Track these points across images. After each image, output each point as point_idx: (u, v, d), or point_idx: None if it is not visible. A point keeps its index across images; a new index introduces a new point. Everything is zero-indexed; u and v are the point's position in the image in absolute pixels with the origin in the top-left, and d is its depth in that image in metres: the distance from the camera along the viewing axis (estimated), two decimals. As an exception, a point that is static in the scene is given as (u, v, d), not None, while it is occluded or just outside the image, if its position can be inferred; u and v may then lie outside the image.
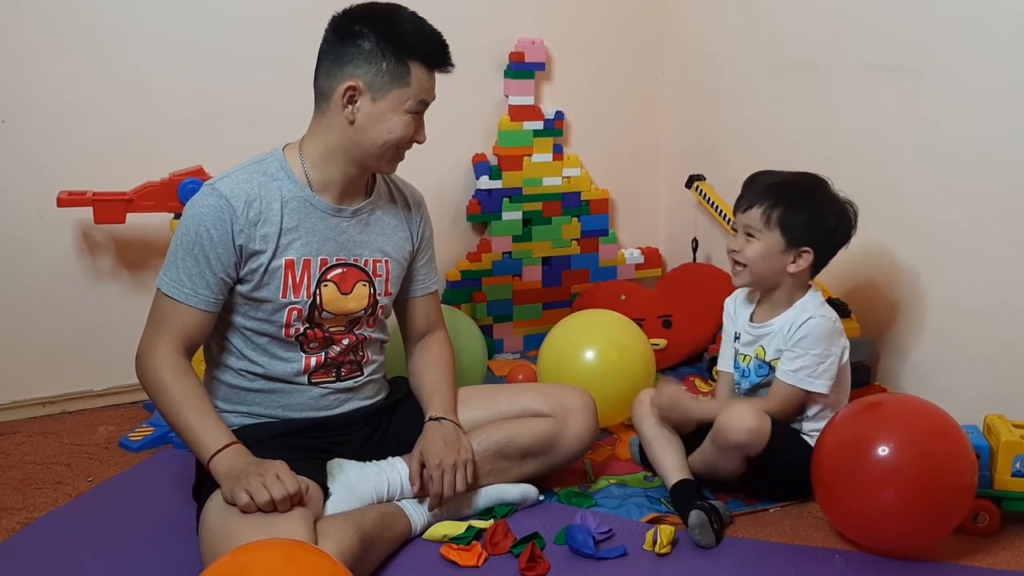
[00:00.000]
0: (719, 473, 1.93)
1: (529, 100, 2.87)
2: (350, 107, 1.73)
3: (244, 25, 2.49)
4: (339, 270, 1.81)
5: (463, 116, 2.83)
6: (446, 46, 1.80)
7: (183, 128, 2.44)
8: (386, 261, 1.88)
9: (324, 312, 1.80)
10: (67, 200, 2.24)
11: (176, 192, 2.23)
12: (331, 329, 1.82)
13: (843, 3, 2.45)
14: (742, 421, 1.82)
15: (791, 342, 1.92)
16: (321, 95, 1.78)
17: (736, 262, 1.97)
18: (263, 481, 1.54)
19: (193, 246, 1.69)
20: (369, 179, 1.89)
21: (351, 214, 1.83)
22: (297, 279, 1.76)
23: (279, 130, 1.88)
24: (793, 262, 1.92)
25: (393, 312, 2.00)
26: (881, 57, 2.35)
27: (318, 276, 1.78)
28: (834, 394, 1.94)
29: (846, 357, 1.96)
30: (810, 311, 1.92)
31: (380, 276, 1.87)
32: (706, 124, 3.03)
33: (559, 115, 2.91)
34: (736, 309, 2.08)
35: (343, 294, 1.82)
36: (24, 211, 2.33)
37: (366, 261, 1.85)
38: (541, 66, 2.86)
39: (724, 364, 2.12)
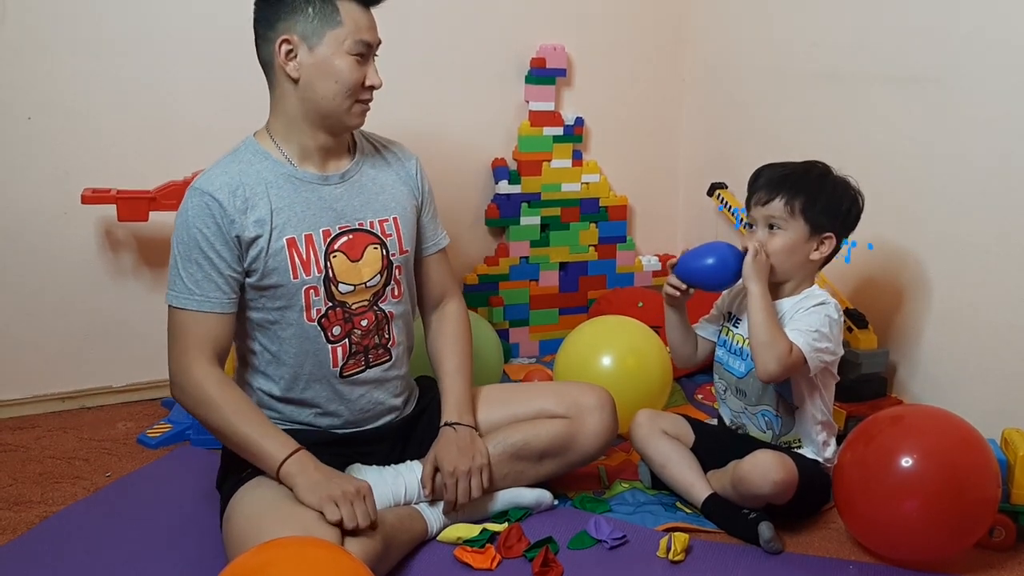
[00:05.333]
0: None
1: (549, 106, 2.87)
2: (291, 64, 1.70)
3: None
4: (345, 238, 1.78)
5: (483, 121, 2.84)
6: None
7: (207, 128, 2.44)
8: (394, 219, 1.84)
9: (341, 284, 1.77)
10: (91, 197, 2.26)
11: (199, 191, 2.25)
12: (353, 305, 1.79)
13: (865, 13, 2.45)
14: (768, 475, 1.79)
15: (801, 312, 1.89)
16: (265, 66, 1.76)
17: None
18: (355, 508, 1.57)
19: (192, 252, 1.68)
20: (350, 141, 1.86)
21: (340, 179, 1.80)
22: (304, 256, 1.73)
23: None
24: (816, 249, 1.92)
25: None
26: (904, 68, 2.35)
27: (324, 249, 1.75)
28: (818, 398, 1.93)
29: (835, 361, 1.92)
30: (822, 298, 1.91)
31: (390, 235, 1.84)
32: (726, 132, 3.03)
33: (579, 121, 2.92)
34: (736, 291, 2.04)
35: (353, 261, 1.78)
36: (48, 207, 2.36)
37: (371, 223, 1.81)
38: (562, 72, 2.87)
39: (701, 329, 2.11)
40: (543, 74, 2.84)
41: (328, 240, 1.76)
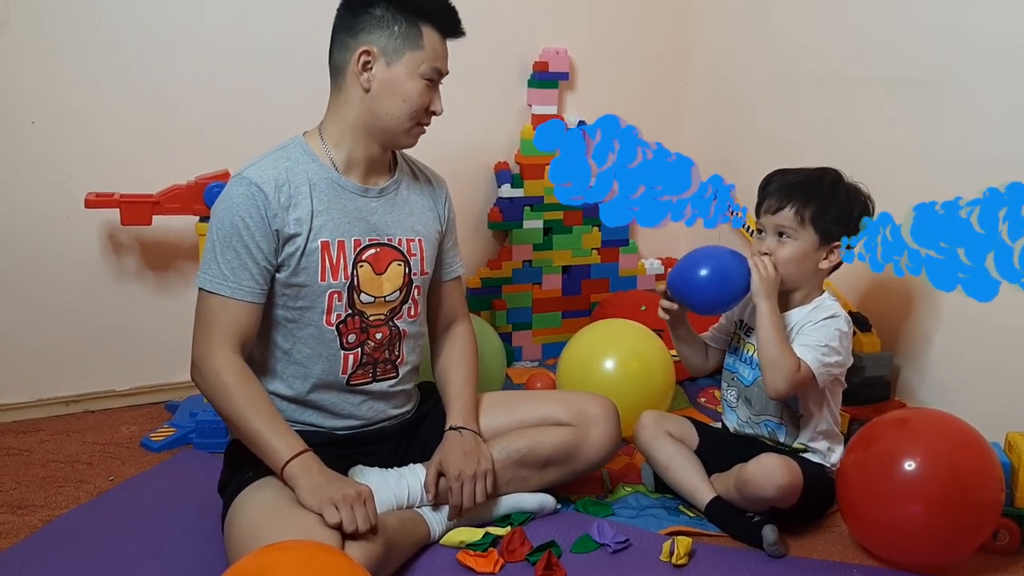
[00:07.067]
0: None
1: (552, 109, 2.87)
2: (365, 74, 1.74)
3: (273, 28, 2.50)
4: (373, 250, 1.81)
5: (486, 124, 2.85)
6: (456, 12, 1.81)
7: (210, 132, 2.46)
8: (419, 240, 1.88)
9: (363, 294, 1.79)
10: (95, 201, 2.27)
11: (202, 195, 2.25)
12: (371, 316, 1.81)
13: (866, 16, 2.45)
14: (772, 478, 1.78)
15: (810, 326, 1.88)
16: (336, 70, 1.79)
17: None
18: (355, 512, 1.56)
19: (231, 238, 1.69)
20: (391, 158, 1.89)
21: (378, 193, 1.83)
22: (334, 261, 1.76)
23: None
24: (825, 258, 1.91)
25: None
26: (905, 71, 2.35)
27: (353, 257, 1.78)
28: (826, 409, 1.93)
29: (843, 372, 1.93)
30: (832, 310, 1.90)
31: (415, 255, 1.87)
32: (727, 135, 3.03)
33: (582, 125, 2.91)
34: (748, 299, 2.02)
35: (377, 274, 1.81)
36: (52, 212, 2.36)
37: (400, 240, 1.85)
38: (565, 76, 2.87)
39: (712, 339, 2.11)
40: (546, 78, 2.85)
41: (358, 249, 1.79)
